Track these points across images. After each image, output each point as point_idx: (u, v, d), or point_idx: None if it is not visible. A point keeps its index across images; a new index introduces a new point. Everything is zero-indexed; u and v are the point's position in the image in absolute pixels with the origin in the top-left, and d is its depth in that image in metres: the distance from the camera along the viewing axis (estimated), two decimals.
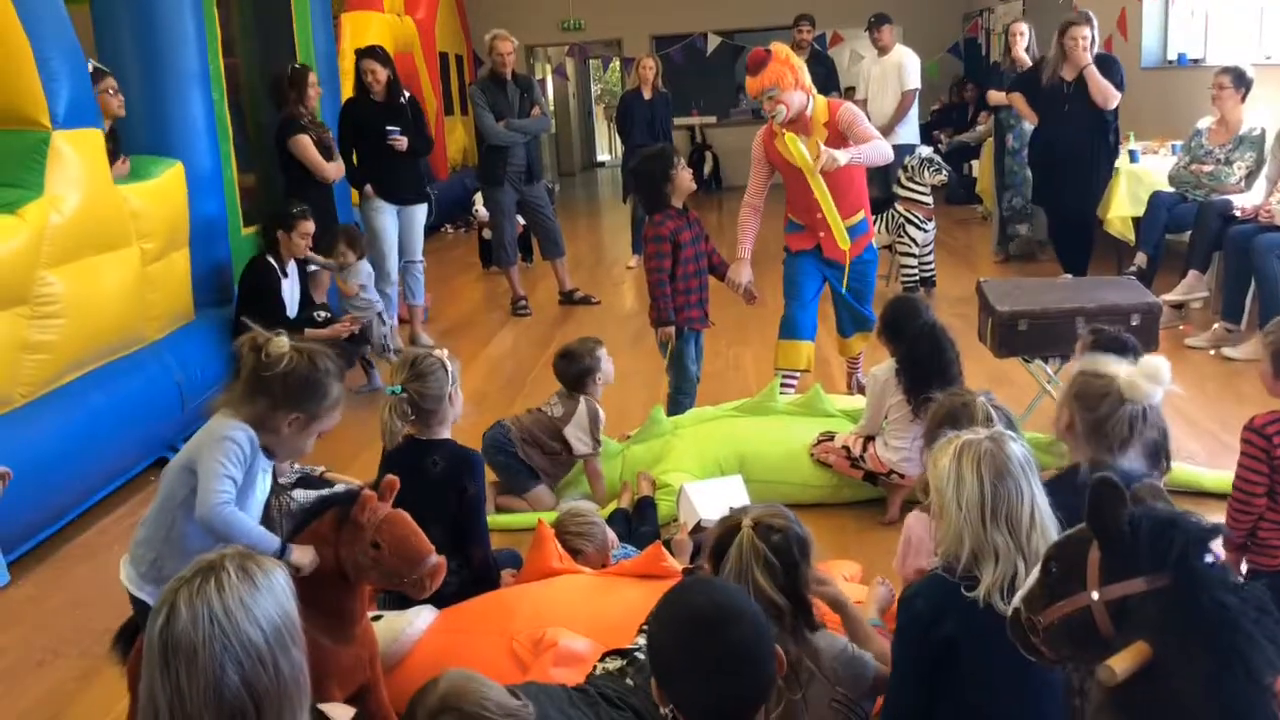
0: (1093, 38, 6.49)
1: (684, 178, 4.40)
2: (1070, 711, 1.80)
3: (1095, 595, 1.42)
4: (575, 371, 4.09)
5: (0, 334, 3.76)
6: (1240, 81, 6.10)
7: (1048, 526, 1.87)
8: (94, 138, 4.33)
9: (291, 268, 5.44)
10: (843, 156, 4.19)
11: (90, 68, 4.62)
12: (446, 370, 2.95)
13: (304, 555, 2.30)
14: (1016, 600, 1.57)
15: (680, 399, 4.55)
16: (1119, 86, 6.49)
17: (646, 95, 8.84)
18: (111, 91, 4.77)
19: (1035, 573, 1.55)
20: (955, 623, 1.85)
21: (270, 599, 1.47)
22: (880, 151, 4.38)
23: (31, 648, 3.29)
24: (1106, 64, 6.54)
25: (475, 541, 2.92)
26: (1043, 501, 1.89)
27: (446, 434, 3.01)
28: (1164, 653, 1.34)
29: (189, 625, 1.41)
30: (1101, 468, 2.13)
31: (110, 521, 4.20)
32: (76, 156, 4.16)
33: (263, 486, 2.52)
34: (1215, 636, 1.31)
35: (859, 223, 4.61)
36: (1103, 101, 6.41)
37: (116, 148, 4.78)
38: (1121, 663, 1.32)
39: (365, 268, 5.76)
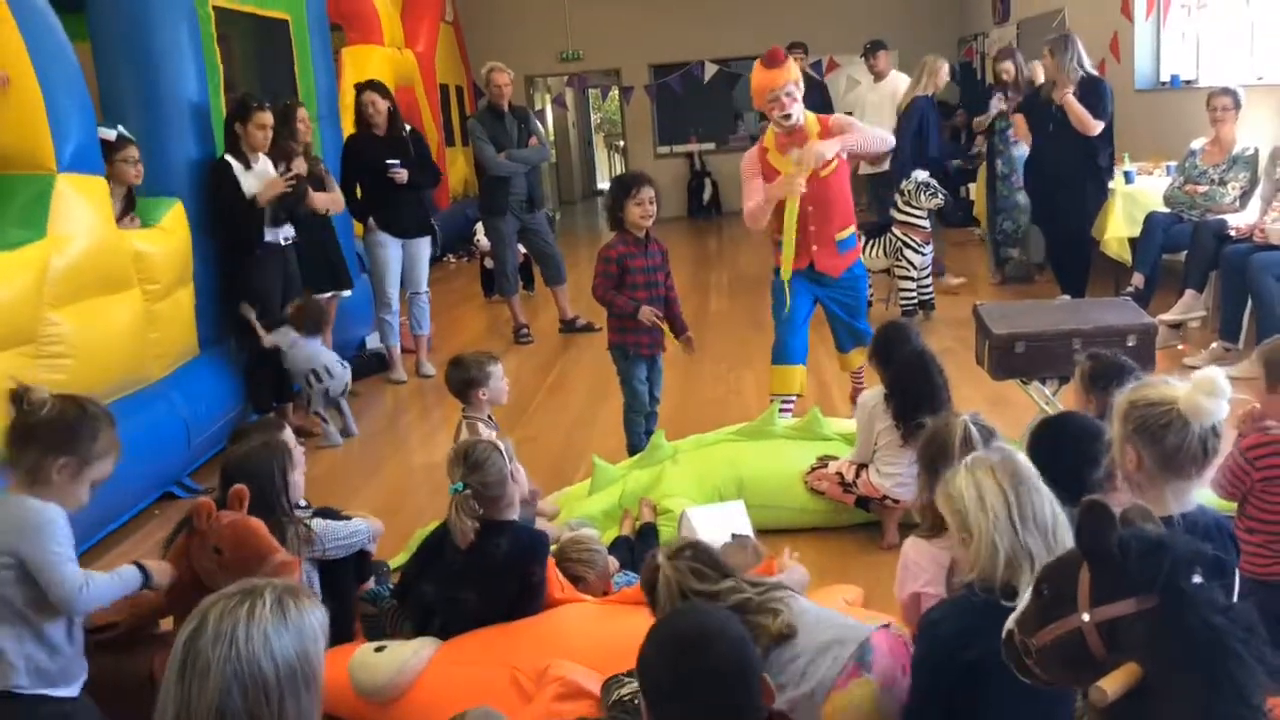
0: (1069, 60, 6.51)
1: (633, 211, 4.43)
2: None
3: (1086, 616, 1.43)
4: (457, 380, 4.03)
5: (5, 373, 3.79)
6: (1238, 102, 6.16)
7: (1068, 529, 1.88)
8: (98, 184, 4.39)
9: (259, 161, 5.41)
10: (830, 148, 4.24)
11: (113, 135, 4.69)
12: (501, 452, 2.89)
13: (161, 572, 2.41)
14: (1010, 623, 1.59)
15: (632, 416, 4.65)
16: (1101, 111, 6.51)
17: None
18: (131, 160, 4.79)
19: (1027, 595, 1.57)
20: (982, 648, 1.84)
21: (294, 638, 1.49)
22: (878, 135, 4.45)
23: None
24: (1091, 88, 6.55)
25: (527, 612, 2.87)
26: (1056, 504, 1.90)
27: (514, 515, 2.94)
28: (1154, 673, 1.35)
29: (210, 642, 1.46)
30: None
31: (116, 555, 4.22)
32: (81, 200, 4.22)
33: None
34: (1204, 657, 1.33)
35: (848, 237, 4.65)
36: (1082, 129, 6.48)
37: (130, 206, 4.83)
38: (1112, 683, 1.34)
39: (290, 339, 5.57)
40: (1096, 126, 6.50)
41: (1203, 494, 2.30)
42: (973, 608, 1.94)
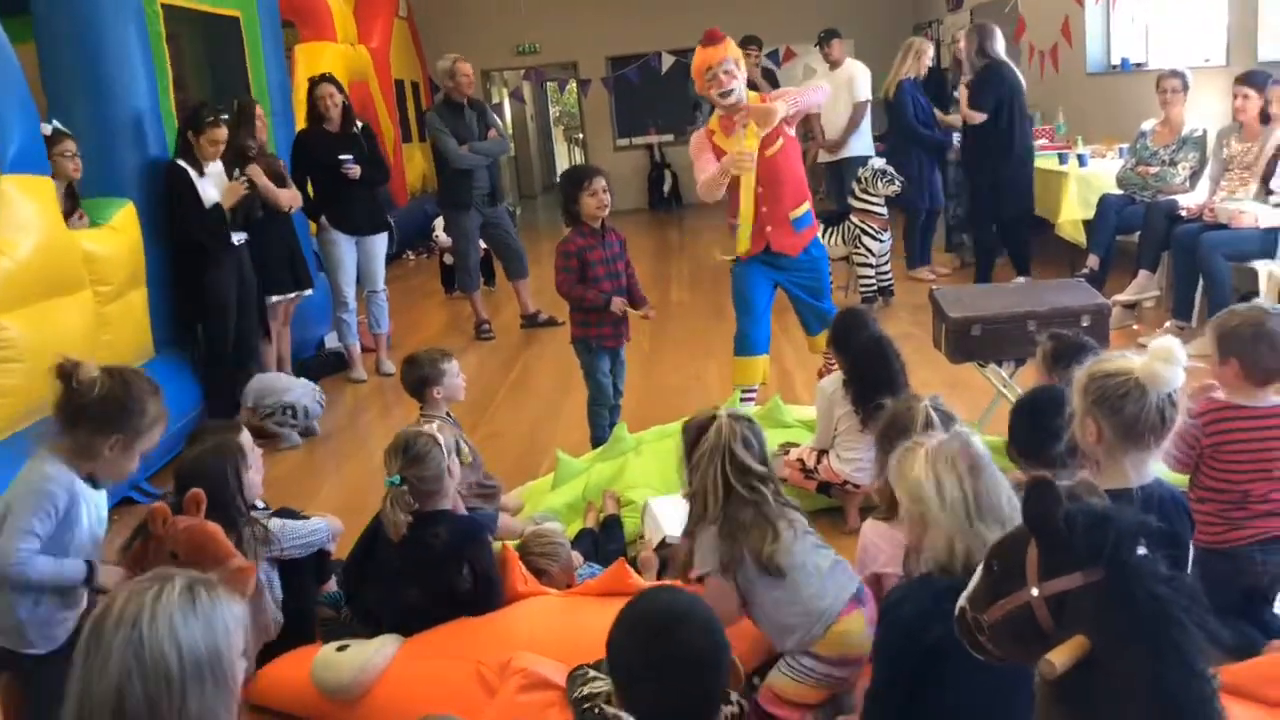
0: (970, 49, 7.04)
1: (588, 203, 4.44)
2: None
3: (1035, 591, 1.45)
4: (412, 379, 4.01)
5: None
6: (1186, 84, 6.25)
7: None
8: (44, 184, 4.32)
9: (213, 168, 5.38)
10: (781, 106, 4.27)
11: (49, 130, 4.62)
12: (440, 445, 2.87)
13: (110, 577, 2.39)
14: (962, 600, 1.61)
15: (597, 409, 4.66)
16: (981, 99, 6.82)
17: None
18: (69, 155, 4.72)
19: (978, 572, 1.59)
20: (942, 630, 1.86)
21: (202, 628, 1.44)
22: (815, 90, 4.57)
23: None
24: (982, 75, 6.93)
25: (486, 603, 2.84)
26: (1009, 490, 1.92)
27: (447, 505, 2.93)
28: (1101, 645, 1.37)
29: (114, 624, 1.42)
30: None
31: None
32: (26, 201, 4.16)
33: (92, 515, 2.51)
34: (1149, 627, 1.35)
35: (804, 214, 4.62)
36: (966, 119, 6.94)
37: (74, 203, 4.76)
38: (1060, 656, 1.36)
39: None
40: (975, 117, 6.83)
41: (1158, 468, 2.33)
42: (933, 590, 1.96)
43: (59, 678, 2.29)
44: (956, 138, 7.60)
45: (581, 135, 16.42)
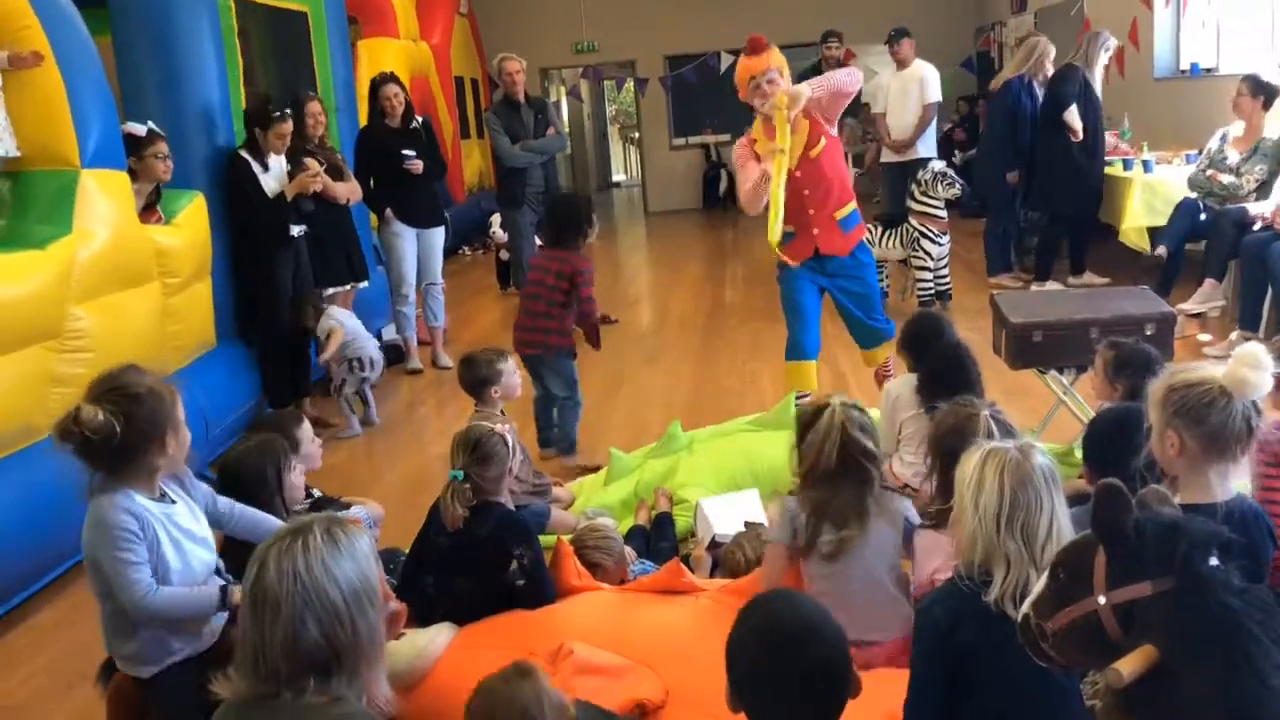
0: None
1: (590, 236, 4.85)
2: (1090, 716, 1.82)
3: (1102, 599, 1.44)
4: (470, 379, 4.07)
5: (31, 368, 3.85)
6: (1259, 89, 6.10)
7: (1064, 541, 1.87)
8: (120, 179, 4.42)
9: (274, 161, 5.47)
10: (805, 89, 4.23)
11: (143, 130, 4.73)
12: (507, 446, 2.89)
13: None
14: (1025, 606, 1.59)
15: (578, 411, 4.87)
16: (1063, 100, 6.95)
17: None
18: (162, 155, 4.82)
19: (1044, 579, 1.57)
20: (973, 630, 1.87)
21: (351, 563, 1.58)
22: (848, 74, 4.45)
23: (61, 671, 3.35)
24: (1055, 81, 7.09)
25: (536, 601, 2.84)
26: (1063, 515, 1.89)
27: (501, 500, 2.95)
28: (1170, 655, 1.36)
29: (275, 581, 1.54)
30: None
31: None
32: (103, 195, 4.26)
33: (193, 519, 2.47)
34: (1220, 638, 1.33)
35: (850, 214, 4.58)
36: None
37: (157, 198, 4.88)
38: (1128, 666, 1.35)
39: (336, 320, 5.60)
40: (1076, 122, 6.98)
41: (1239, 484, 2.29)
42: (961, 593, 1.95)
43: (172, 693, 2.39)
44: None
45: (637, 134, 16.42)
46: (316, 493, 3.43)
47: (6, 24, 4.04)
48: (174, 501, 2.43)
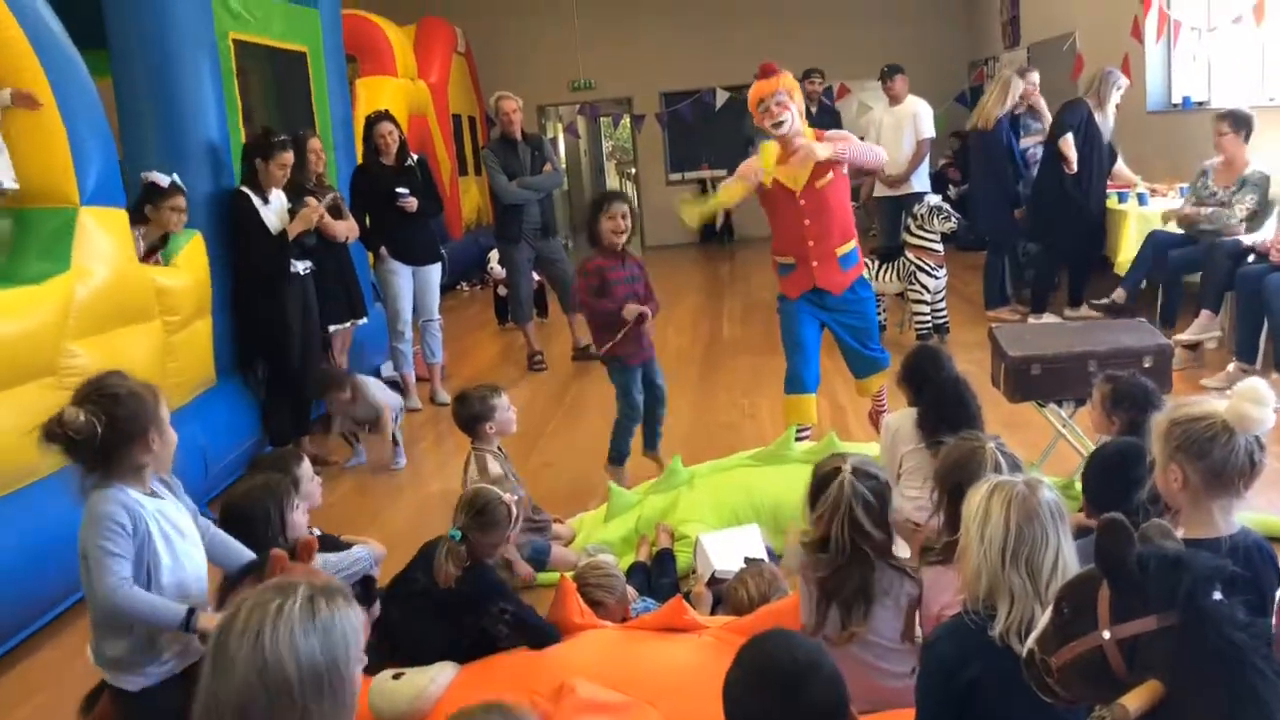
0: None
1: (605, 226, 4.55)
2: None
3: (1107, 634, 1.44)
4: (464, 416, 4.07)
5: (28, 405, 3.83)
6: (1239, 124, 6.18)
7: (1070, 575, 1.87)
8: (118, 217, 4.45)
9: (275, 196, 5.46)
10: (822, 150, 4.28)
11: (167, 182, 4.78)
12: (510, 512, 2.91)
13: (212, 622, 2.28)
14: (1030, 642, 1.59)
15: (627, 425, 4.76)
16: (1061, 128, 7.10)
17: None
18: (177, 209, 4.88)
19: (1048, 613, 1.57)
20: (979, 665, 1.86)
21: (320, 639, 1.47)
22: (873, 151, 4.50)
23: (62, 711, 3.30)
24: (1061, 110, 7.20)
25: (537, 640, 2.87)
26: (1069, 551, 1.88)
27: (490, 561, 2.96)
28: (1176, 690, 1.35)
29: (237, 637, 1.46)
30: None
31: None
32: (102, 233, 4.28)
33: (184, 518, 2.49)
34: (1225, 673, 1.33)
35: (850, 252, 4.63)
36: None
37: (164, 243, 4.92)
38: (1134, 701, 1.34)
39: (370, 389, 5.67)
40: (1070, 153, 7.06)
41: (1243, 516, 2.29)
42: (967, 628, 1.95)
43: (155, 711, 2.37)
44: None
45: (634, 170, 16.52)
46: (317, 531, 3.42)
47: (7, 63, 4.07)
48: (163, 499, 2.47)
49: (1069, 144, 6.99)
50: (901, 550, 2.77)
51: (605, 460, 4.85)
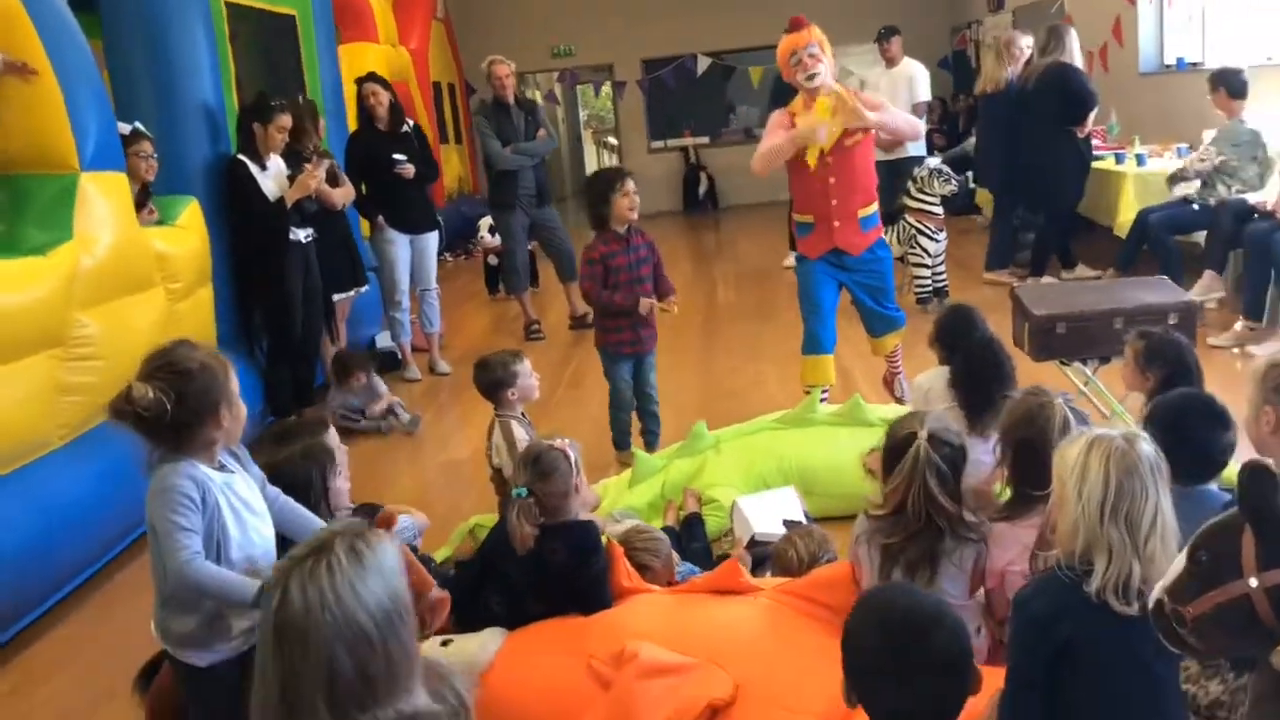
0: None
1: (621, 205, 4.38)
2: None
3: (1254, 582, 1.40)
4: (485, 382, 3.98)
5: (37, 377, 3.74)
6: (1220, 81, 6.24)
7: (1169, 533, 1.83)
8: (119, 181, 4.32)
9: (272, 162, 5.35)
10: (872, 116, 4.24)
11: (128, 129, 4.62)
12: (570, 461, 2.83)
13: None
14: (1158, 592, 1.55)
15: (616, 413, 4.67)
16: (1092, 99, 7.00)
17: None
18: (144, 155, 4.74)
19: (1180, 562, 1.54)
20: (1073, 622, 1.83)
21: (379, 581, 1.47)
22: (910, 122, 4.43)
23: (85, 690, 3.24)
24: (1077, 79, 7.02)
25: (598, 606, 2.80)
26: (1167, 507, 1.85)
27: (570, 519, 2.87)
28: None
29: (301, 611, 1.43)
30: None
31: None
32: (103, 199, 4.15)
33: (251, 492, 2.42)
34: None
35: (871, 214, 4.61)
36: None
37: (145, 199, 4.76)
38: None
39: (377, 389, 5.75)
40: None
41: None
42: (1061, 585, 1.91)
43: (220, 690, 2.32)
44: None
45: (613, 139, 16.40)
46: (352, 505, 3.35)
47: (1, 25, 3.92)
48: (233, 473, 2.38)
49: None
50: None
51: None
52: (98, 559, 4.01)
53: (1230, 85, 6.21)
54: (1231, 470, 3.49)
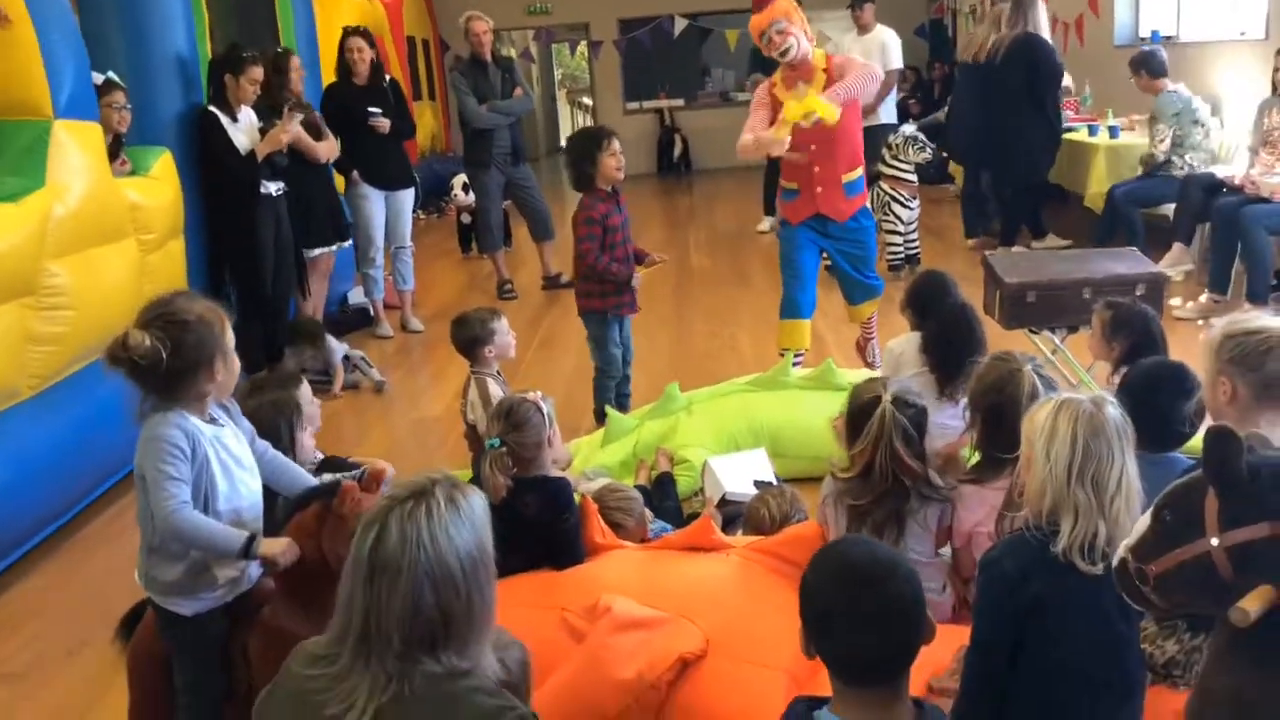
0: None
1: (608, 164, 4.35)
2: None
3: (1215, 541, 1.45)
4: (462, 339, 3.98)
5: (7, 326, 3.70)
6: (1139, 66, 6.58)
7: (1133, 494, 1.88)
8: (93, 131, 4.26)
9: (244, 114, 5.30)
10: (835, 106, 4.20)
11: (100, 79, 4.55)
12: (543, 414, 2.83)
13: (276, 548, 2.29)
14: (1122, 550, 1.60)
15: (606, 382, 4.62)
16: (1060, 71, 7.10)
17: None
18: (117, 105, 4.67)
19: (1145, 521, 1.58)
20: (1041, 582, 1.87)
21: (470, 530, 1.57)
22: (863, 78, 4.35)
23: (59, 638, 3.25)
24: (1046, 52, 7.06)
25: (571, 561, 2.82)
26: (1133, 470, 1.89)
27: (543, 473, 2.88)
28: None
29: (397, 546, 1.52)
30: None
31: (122, 507, 4.15)
32: (77, 147, 4.11)
33: (240, 446, 2.41)
34: None
35: (856, 180, 4.60)
36: None
37: (118, 150, 4.70)
38: (1253, 604, 1.36)
39: (330, 341, 5.66)
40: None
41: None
42: (1029, 544, 1.95)
43: (203, 640, 2.34)
44: None
45: (588, 99, 16.29)
46: (320, 454, 3.35)
47: None
48: (223, 426, 2.38)
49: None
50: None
51: (591, 396, 4.78)
52: (68, 509, 4.00)
53: (1149, 66, 6.47)
54: (1198, 439, 3.58)
